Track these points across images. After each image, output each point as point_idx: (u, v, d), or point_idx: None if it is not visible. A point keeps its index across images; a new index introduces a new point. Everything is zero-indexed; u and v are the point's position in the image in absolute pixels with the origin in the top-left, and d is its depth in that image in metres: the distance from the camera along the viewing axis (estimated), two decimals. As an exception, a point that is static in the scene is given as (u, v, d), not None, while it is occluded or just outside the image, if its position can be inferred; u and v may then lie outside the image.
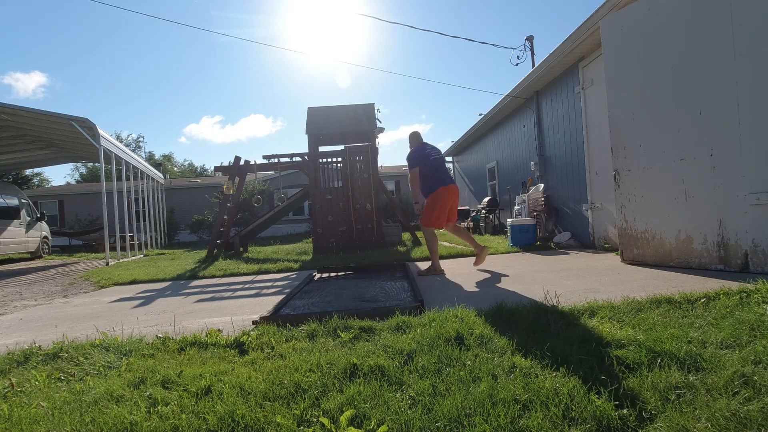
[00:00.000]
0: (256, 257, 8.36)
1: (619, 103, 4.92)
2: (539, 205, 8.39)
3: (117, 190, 10.27)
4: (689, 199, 4.29)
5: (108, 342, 2.70)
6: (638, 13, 4.68)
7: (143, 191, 13.63)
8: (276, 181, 19.74)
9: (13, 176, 25.07)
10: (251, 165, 9.20)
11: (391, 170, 25.31)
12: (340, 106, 9.99)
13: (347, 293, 4.24)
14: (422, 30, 73.19)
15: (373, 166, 8.65)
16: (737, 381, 1.63)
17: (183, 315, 3.75)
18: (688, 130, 4.28)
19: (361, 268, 5.97)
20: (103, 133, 9.37)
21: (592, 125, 6.77)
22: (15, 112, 9.18)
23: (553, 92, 8.20)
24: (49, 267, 9.90)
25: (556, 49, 7.02)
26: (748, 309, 2.50)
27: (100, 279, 6.73)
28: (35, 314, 4.30)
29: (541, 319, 2.59)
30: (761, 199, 3.78)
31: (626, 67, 4.82)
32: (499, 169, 12.25)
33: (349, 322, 2.77)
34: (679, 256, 4.40)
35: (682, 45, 4.31)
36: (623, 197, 4.88)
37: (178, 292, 5.16)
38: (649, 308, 2.72)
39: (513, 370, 1.90)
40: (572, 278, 4.23)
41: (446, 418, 1.54)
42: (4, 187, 12.23)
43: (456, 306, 2.99)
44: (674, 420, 1.42)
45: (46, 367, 2.42)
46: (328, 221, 8.59)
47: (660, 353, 1.91)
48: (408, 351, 2.20)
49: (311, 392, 1.82)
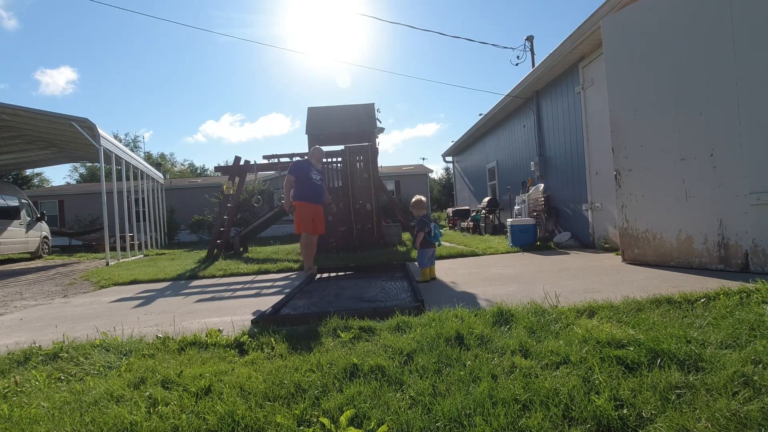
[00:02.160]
0: (256, 257, 8.36)
1: (619, 103, 4.92)
2: (539, 205, 8.39)
3: (117, 190, 10.27)
4: (690, 199, 4.29)
5: (108, 342, 2.70)
6: (639, 13, 4.67)
7: (143, 191, 13.62)
8: (276, 181, 19.75)
9: (13, 176, 25.09)
10: (251, 165, 9.19)
11: (391, 170, 25.31)
12: (340, 106, 9.99)
13: (347, 293, 4.24)
14: (422, 30, 73.16)
15: (373, 166, 8.65)
16: (737, 381, 1.63)
17: (183, 315, 3.75)
18: (689, 130, 4.28)
19: (361, 268, 5.96)
20: (103, 133, 9.37)
21: (592, 125, 6.77)
22: (15, 112, 9.18)
23: (553, 92, 8.20)
24: (49, 267, 9.90)
25: (556, 49, 7.02)
26: (748, 309, 2.50)
27: (100, 279, 6.73)
28: (35, 314, 4.30)
29: (541, 319, 2.59)
30: (761, 199, 3.78)
31: (627, 67, 4.82)
32: (499, 169, 12.24)
33: (349, 322, 2.77)
34: (680, 256, 4.40)
35: (682, 45, 4.31)
36: (624, 197, 4.88)
37: (178, 292, 5.16)
38: (649, 308, 2.72)
39: (513, 370, 1.90)
40: (572, 278, 4.23)
41: (446, 418, 1.54)
42: (4, 187, 12.23)
43: (456, 306, 2.99)
44: (674, 420, 1.42)
45: (46, 367, 2.42)
46: (328, 221, 8.58)
47: (660, 353, 1.91)
48: (408, 351, 2.20)
49: (311, 392, 1.82)
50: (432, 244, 4.66)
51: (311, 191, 5.57)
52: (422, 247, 4.62)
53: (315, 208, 5.59)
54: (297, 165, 5.71)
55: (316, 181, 5.65)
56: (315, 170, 5.68)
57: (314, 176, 5.62)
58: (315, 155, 5.81)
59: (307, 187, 5.55)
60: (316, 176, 5.65)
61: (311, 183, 5.58)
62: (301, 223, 5.50)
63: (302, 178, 5.54)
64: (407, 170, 25.40)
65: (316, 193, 5.62)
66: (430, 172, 25.69)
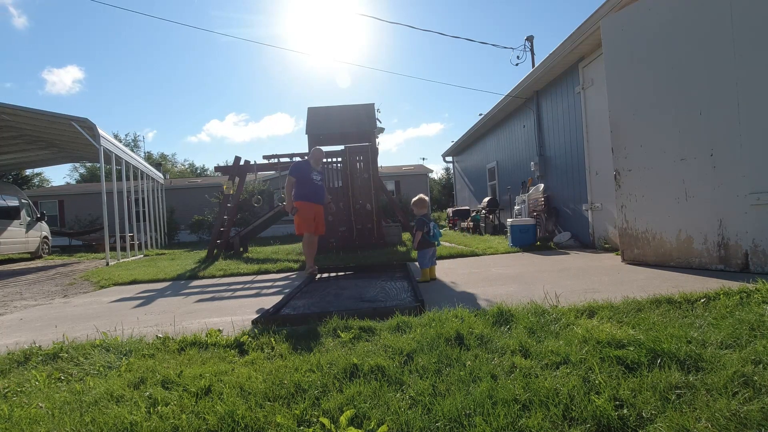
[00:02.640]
0: (256, 257, 8.36)
1: (619, 104, 4.92)
2: (539, 205, 8.39)
3: (117, 190, 10.27)
4: (690, 199, 4.29)
5: (108, 342, 2.70)
6: (639, 13, 4.67)
7: (143, 191, 13.62)
8: (276, 181, 19.74)
9: (13, 176, 25.08)
10: (251, 165, 9.19)
11: (391, 170, 25.31)
12: (340, 106, 9.99)
13: (347, 293, 4.24)
14: (422, 30, 73.16)
15: (373, 166, 8.65)
16: (737, 381, 1.63)
17: (183, 315, 3.75)
18: (689, 130, 4.28)
19: (361, 268, 5.96)
20: (103, 133, 9.37)
21: (592, 125, 6.77)
22: (15, 112, 9.18)
23: (553, 92, 8.20)
24: (49, 267, 9.90)
25: (556, 49, 7.02)
26: (748, 309, 2.50)
27: (100, 279, 6.72)
28: (35, 314, 4.30)
29: (541, 319, 2.59)
30: (761, 199, 3.78)
31: (627, 68, 4.82)
32: (499, 169, 12.24)
33: (349, 322, 2.77)
34: (680, 256, 4.39)
35: (682, 45, 4.31)
36: (624, 197, 4.88)
37: (178, 292, 5.16)
38: (649, 308, 2.72)
39: (513, 370, 1.90)
40: (572, 278, 4.23)
41: (446, 418, 1.54)
42: (4, 187, 12.23)
43: (456, 306, 2.99)
44: (674, 420, 1.42)
45: (46, 367, 2.42)
46: (328, 221, 8.57)
47: (660, 353, 1.91)
48: (408, 351, 2.20)
49: (311, 392, 1.82)
50: (431, 243, 4.65)
51: (312, 191, 5.62)
52: (421, 247, 4.61)
53: (316, 208, 5.65)
54: (297, 166, 5.78)
55: (317, 181, 5.71)
56: (315, 171, 5.74)
57: (315, 177, 5.68)
58: (315, 156, 5.85)
59: (308, 187, 5.60)
60: (316, 177, 5.71)
61: (312, 183, 5.63)
62: (303, 224, 5.55)
63: (303, 179, 5.60)
64: (407, 170, 25.41)
65: (317, 193, 5.67)
66: (430, 172, 25.70)
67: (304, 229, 5.55)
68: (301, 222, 5.53)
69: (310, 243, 5.61)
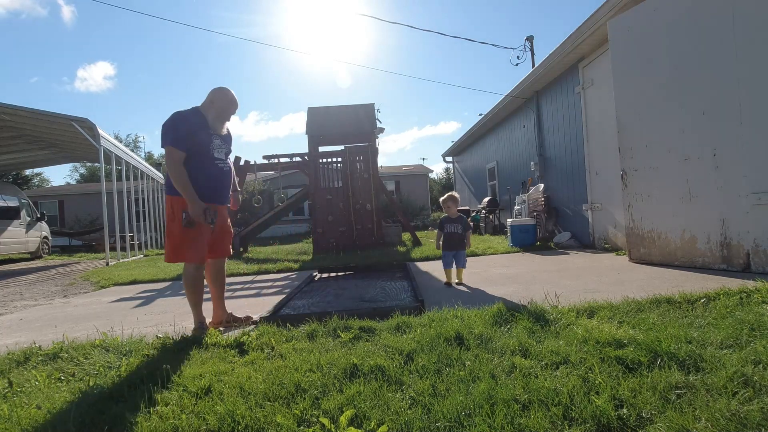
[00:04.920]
0: (256, 257, 8.36)
1: (626, 104, 4.92)
2: (539, 205, 8.39)
3: (117, 190, 10.28)
4: (693, 199, 4.29)
5: (108, 342, 2.70)
6: (644, 14, 4.68)
7: (143, 191, 13.62)
8: (276, 181, 19.74)
9: (13, 176, 25.09)
10: (251, 165, 9.20)
11: (391, 170, 25.32)
12: (340, 107, 9.99)
13: (347, 293, 4.24)
14: (422, 30, 73.15)
15: (373, 166, 8.65)
16: (737, 381, 1.63)
17: (183, 315, 3.75)
18: (692, 130, 4.28)
19: (361, 268, 5.96)
20: (103, 133, 9.37)
21: (593, 125, 6.77)
22: (15, 112, 9.19)
23: (553, 92, 8.20)
24: (49, 267, 9.90)
25: (557, 49, 7.02)
26: (748, 309, 2.50)
27: (100, 279, 6.73)
28: (35, 314, 4.30)
29: (541, 319, 2.59)
30: (762, 200, 3.78)
31: (633, 68, 4.82)
32: (499, 169, 12.24)
33: (349, 322, 2.77)
34: (684, 255, 4.40)
35: (685, 46, 4.31)
36: (630, 197, 4.89)
37: (178, 292, 5.16)
38: (649, 308, 2.72)
39: (513, 370, 1.90)
40: (572, 278, 4.23)
41: (446, 418, 1.54)
42: (4, 187, 12.24)
43: (456, 306, 2.98)
44: (674, 420, 1.42)
45: (46, 367, 2.42)
46: (328, 221, 8.59)
47: (660, 353, 1.90)
48: (408, 351, 2.20)
49: (311, 392, 1.82)
50: (452, 246, 4.41)
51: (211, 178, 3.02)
52: (443, 249, 4.48)
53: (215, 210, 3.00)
54: (183, 122, 2.91)
55: (220, 159, 3.07)
56: (216, 136, 3.06)
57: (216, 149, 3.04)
58: (219, 107, 3.05)
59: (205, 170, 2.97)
60: (219, 149, 3.07)
61: (211, 163, 3.00)
62: (183, 245, 2.94)
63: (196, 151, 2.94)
64: (407, 170, 25.42)
65: (219, 182, 3.08)
66: (430, 173, 25.72)
67: (185, 255, 2.95)
68: (181, 242, 2.94)
69: (195, 281, 3.01)
